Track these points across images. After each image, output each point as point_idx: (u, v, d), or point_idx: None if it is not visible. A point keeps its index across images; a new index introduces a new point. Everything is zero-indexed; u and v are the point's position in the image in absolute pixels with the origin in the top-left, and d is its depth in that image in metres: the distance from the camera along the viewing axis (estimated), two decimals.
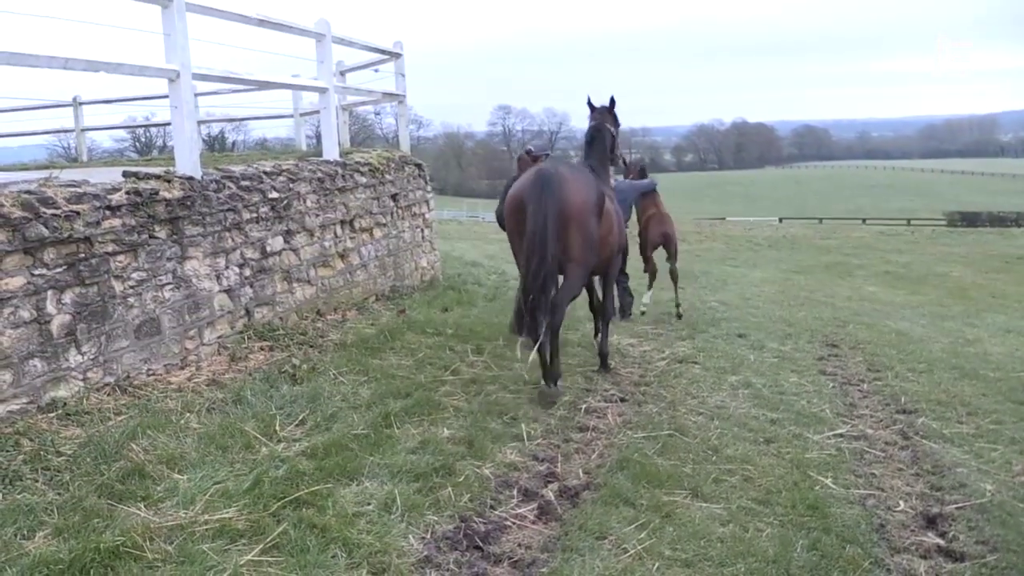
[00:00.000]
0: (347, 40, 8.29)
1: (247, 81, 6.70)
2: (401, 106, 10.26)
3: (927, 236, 31.41)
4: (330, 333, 6.46)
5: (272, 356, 5.66)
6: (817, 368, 6.92)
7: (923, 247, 26.48)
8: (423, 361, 5.96)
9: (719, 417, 5.29)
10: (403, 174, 9.00)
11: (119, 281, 4.73)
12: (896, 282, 16.92)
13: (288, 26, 6.95)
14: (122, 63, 5.00)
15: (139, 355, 4.90)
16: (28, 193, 4.30)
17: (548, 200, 5.25)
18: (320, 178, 7.03)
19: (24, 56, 4.41)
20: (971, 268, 20.28)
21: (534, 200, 5.31)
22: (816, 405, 5.72)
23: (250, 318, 5.98)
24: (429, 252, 9.85)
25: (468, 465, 4.15)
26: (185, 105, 5.50)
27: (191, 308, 5.35)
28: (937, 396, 6.07)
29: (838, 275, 17.89)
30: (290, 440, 4.28)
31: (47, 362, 4.26)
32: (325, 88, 7.59)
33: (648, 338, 7.83)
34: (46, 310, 4.25)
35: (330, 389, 5.07)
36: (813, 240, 28.71)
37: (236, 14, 6.13)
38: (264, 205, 6.16)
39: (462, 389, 5.42)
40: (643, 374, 6.39)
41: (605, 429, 4.98)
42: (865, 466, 4.60)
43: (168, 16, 5.33)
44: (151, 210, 4.99)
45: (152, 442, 4.00)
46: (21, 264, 4.12)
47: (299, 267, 6.64)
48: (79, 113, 12.42)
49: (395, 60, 9.67)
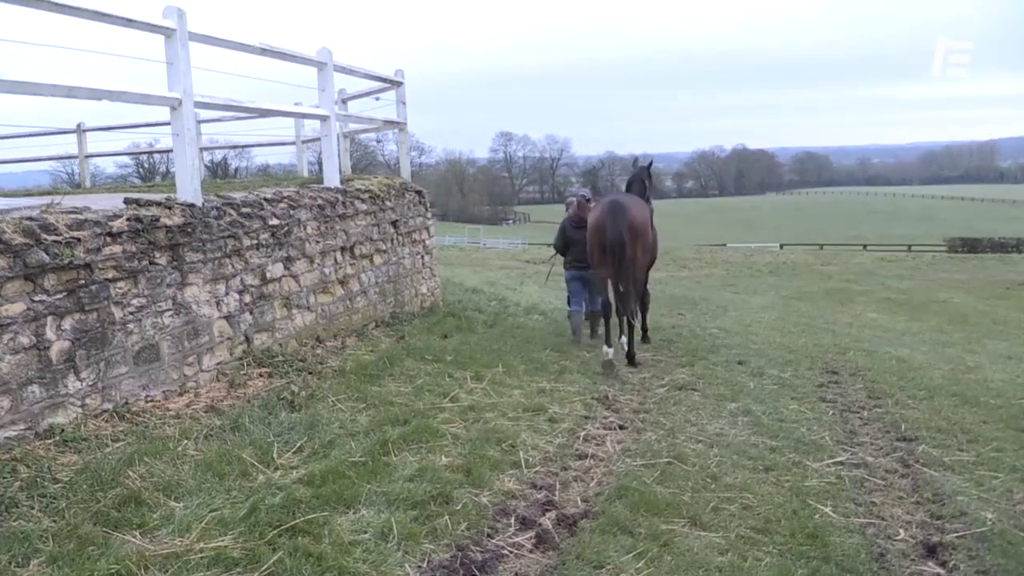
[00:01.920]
0: (349, 68, 8.37)
1: (249, 109, 6.77)
2: (402, 133, 10.33)
3: (928, 262, 31.44)
4: (329, 359, 6.47)
5: (271, 383, 5.66)
6: (817, 395, 6.91)
7: (924, 273, 26.49)
8: (422, 388, 5.95)
9: (718, 445, 5.27)
10: (404, 201, 9.05)
11: (119, 307, 4.75)
12: (897, 308, 16.89)
13: (290, 55, 7.02)
14: (125, 91, 5.05)
15: (138, 381, 4.90)
16: (30, 219, 4.33)
17: (620, 220, 7.54)
18: (321, 205, 7.07)
19: (28, 84, 4.47)
20: (972, 294, 20.26)
21: (611, 221, 7.57)
22: (816, 432, 5.70)
23: (249, 344, 5.99)
24: (429, 278, 9.87)
25: (466, 493, 4.13)
26: (187, 133, 5.54)
27: (190, 334, 5.36)
28: (938, 423, 6.05)
29: (839, 301, 17.87)
30: (287, 467, 4.27)
31: (45, 388, 4.26)
32: (326, 116, 7.65)
33: (648, 365, 7.82)
34: (45, 336, 4.26)
35: (328, 416, 5.06)
36: (814, 266, 28.73)
37: (238, 43, 6.20)
38: (264, 232, 6.19)
39: (460, 416, 5.41)
40: (642, 401, 6.38)
41: (604, 457, 4.97)
42: (865, 494, 4.58)
43: (171, 45, 5.39)
44: (152, 236, 5.01)
45: (149, 469, 3.99)
46: (21, 290, 4.13)
47: (299, 293, 6.66)
48: (83, 140, 12.51)
49: (396, 88, 9.76)
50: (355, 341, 7.24)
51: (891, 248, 43.49)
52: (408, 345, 7.25)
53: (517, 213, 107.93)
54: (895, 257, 35.41)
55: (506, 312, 10.68)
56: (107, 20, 4.95)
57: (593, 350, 8.27)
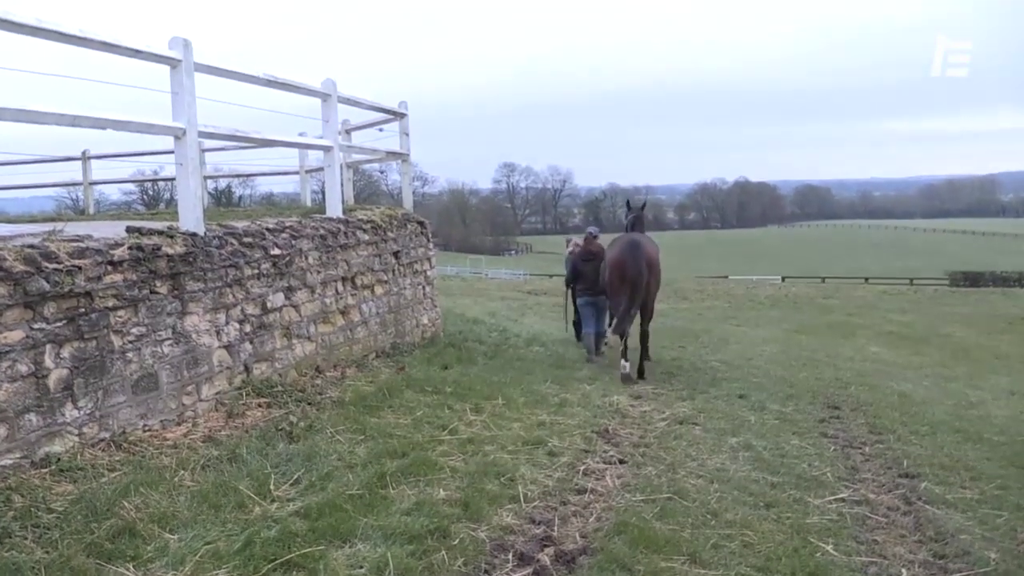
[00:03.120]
0: (353, 100, 8.43)
1: (253, 139, 6.81)
2: (405, 164, 10.38)
3: (930, 296, 31.45)
4: (329, 390, 6.44)
5: (270, 413, 5.63)
6: (818, 430, 6.86)
7: (926, 307, 26.47)
8: (421, 420, 5.92)
9: (719, 480, 5.22)
10: (405, 231, 9.07)
11: (118, 336, 4.74)
12: (899, 342, 16.86)
13: (295, 86, 7.09)
14: (129, 121, 5.09)
15: (136, 410, 4.88)
16: (31, 247, 4.34)
17: (639, 255, 8.97)
18: (323, 235, 7.09)
19: (34, 113, 4.50)
20: (974, 328, 20.22)
21: (631, 256, 9.01)
22: (817, 468, 5.65)
23: (249, 374, 5.97)
24: (430, 309, 9.86)
25: (463, 528, 4.09)
26: (190, 162, 5.58)
27: (190, 363, 5.35)
28: (940, 460, 6.01)
29: (840, 335, 17.83)
30: (284, 500, 4.23)
31: (43, 417, 4.24)
32: (330, 147, 7.70)
33: (648, 398, 7.79)
34: (44, 364, 4.25)
35: (326, 447, 5.03)
36: (816, 299, 28.73)
37: (243, 74, 6.26)
38: (266, 261, 6.20)
39: (459, 449, 5.37)
40: (643, 435, 6.33)
41: (603, 491, 4.92)
42: (867, 532, 4.52)
43: (176, 75, 5.45)
44: (153, 265, 5.02)
45: (144, 500, 3.96)
46: (21, 318, 4.13)
47: (299, 323, 6.65)
48: (87, 167, 12.59)
49: (400, 120, 9.83)
50: (355, 372, 7.22)
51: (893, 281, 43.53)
52: (408, 376, 7.22)
53: (519, 244, 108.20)
54: (897, 290, 35.43)
55: (507, 343, 10.66)
56: (115, 51, 5.02)
57: (594, 383, 8.25)
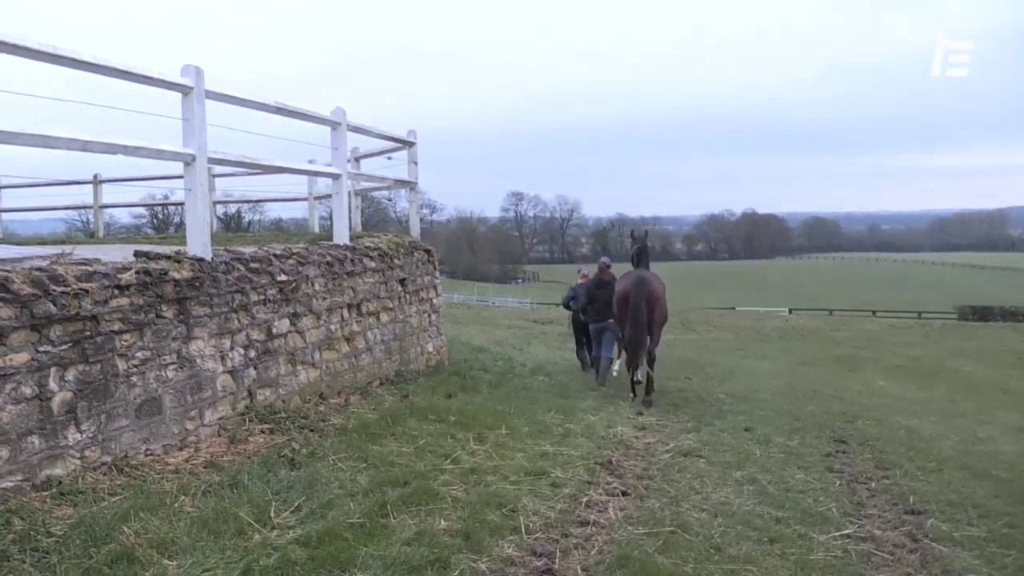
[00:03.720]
0: (362, 128, 8.51)
1: (262, 166, 6.87)
2: (413, 192, 10.45)
3: (938, 330, 31.31)
4: (332, 417, 6.43)
5: (272, 439, 5.62)
6: (824, 464, 6.80)
7: (934, 341, 26.34)
8: (424, 448, 5.90)
9: (723, 514, 5.17)
10: (412, 259, 9.10)
11: (123, 359, 4.75)
12: (906, 376, 16.75)
13: (304, 114, 7.16)
14: (140, 146, 5.14)
15: (138, 434, 4.87)
16: (39, 270, 4.37)
17: (644, 290, 9.67)
18: (329, 262, 7.12)
19: (46, 138, 4.57)
20: (983, 363, 20.09)
21: (635, 291, 9.68)
22: (823, 503, 5.59)
23: (252, 400, 5.97)
24: (435, 337, 9.86)
25: (464, 559, 4.05)
26: (199, 188, 5.62)
27: (193, 388, 5.35)
28: (947, 497, 5.94)
29: (848, 368, 17.74)
30: (284, 527, 4.21)
31: (45, 439, 4.25)
32: (338, 174, 7.76)
33: (653, 429, 7.75)
34: (48, 387, 4.26)
35: (328, 475, 5.01)
36: (823, 332, 28.62)
37: (254, 101, 6.33)
38: (272, 287, 6.23)
39: (461, 479, 5.34)
40: (646, 467, 6.29)
41: (606, 524, 4.88)
42: (872, 569, 4.46)
43: (188, 103, 5.51)
44: (159, 290, 5.05)
45: (144, 525, 3.94)
46: (27, 340, 4.15)
47: (304, 350, 6.66)
48: (98, 190, 12.71)
49: (408, 148, 9.91)
50: (359, 399, 7.21)
51: (901, 315, 43.35)
52: (412, 404, 7.20)
53: (526, 272, 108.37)
54: (905, 324, 35.29)
55: (512, 372, 10.64)
56: (128, 78, 5.09)
57: (598, 413, 8.22)
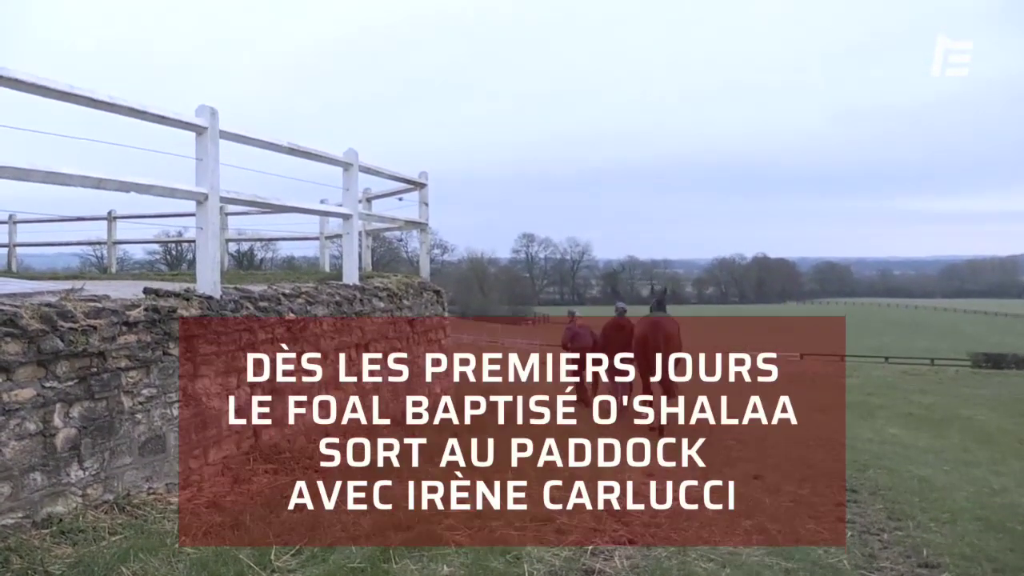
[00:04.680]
0: (374, 169, 8.59)
1: (273, 206, 6.93)
2: (423, 233, 10.51)
3: (951, 377, 30.95)
4: (336, 458, 6.36)
5: (276, 479, 5.58)
6: (835, 514, 6.68)
7: (947, 388, 26.01)
8: (429, 491, 5.82)
9: (731, 564, 5.08)
10: (421, 300, 9.11)
11: (129, 396, 4.75)
12: (919, 424, 16.53)
13: (317, 154, 7.23)
14: (152, 184, 5.21)
15: (141, 473, 4.85)
16: (48, 306, 4.39)
17: (661, 333, 10.23)
18: (338, 301, 7.13)
19: (60, 175, 4.63)
20: (997, 412, 19.79)
21: (652, 334, 10.24)
22: (833, 555, 5.48)
23: (257, 439, 5.94)
24: (444, 378, 9.81)
25: None
26: (211, 226, 5.67)
27: (198, 426, 5.34)
28: (961, 549, 5.81)
29: (859, 415, 17.51)
30: (284, 571, 4.15)
31: (48, 476, 4.23)
32: (349, 215, 7.81)
33: (661, 475, 7.63)
34: (53, 423, 4.26)
35: (330, 517, 4.96)
36: (834, 377, 28.35)
37: (267, 142, 6.41)
38: (280, 326, 6.24)
39: (465, 523, 5.27)
40: (654, 514, 6.19)
41: (611, 572, 4.79)
42: None
43: (202, 142, 5.59)
44: (167, 327, 5.06)
45: (143, 566, 3.90)
46: (33, 376, 4.16)
47: (311, 389, 6.63)
48: (112, 227, 12.85)
49: (420, 189, 9.99)
50: (365, 438, 7.15)
51: (914, 361, 42.95)
52: (417, 444, 7.13)
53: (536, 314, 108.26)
54: (918, 370, 34.91)
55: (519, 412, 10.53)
56: (142, 117, 5.17)
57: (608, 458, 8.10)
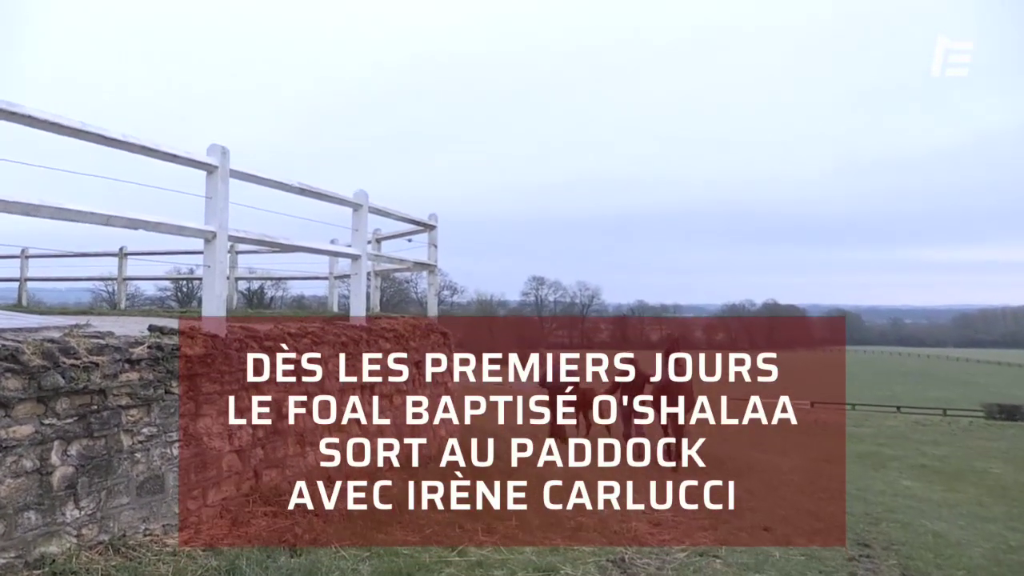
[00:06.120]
0: (384, 211, 8.61)
1: (282, 245, 6.93)
2: (432, 275, 10.49)
3: (964, 428, 30.51)
4: (338, 501, 6.27)
5: (275, 523, 5.48)
6: (847, 570, 6.52)
7: (961, 439, 25.61)
8: (430, 537, 5.73)
9: None
10: (428, 341, 9.07)
11: (128, 435, 4.70)
12: (932, 476, 16.23)
13: (327, 195, 7.26)
14: (161, 222, 5.21)
15: (138, 513, 4.77)
16: (51, 342, 4.36)
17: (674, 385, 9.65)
18: (344, 342, 7.09)
19: (69, 211, 4.63)
20: (1012, 465, 19.44)
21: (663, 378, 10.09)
22: None
23: (258, 480, 5.85)
24: (448, 423, 9.71)
25: None
26: (218, 265, 5.66)
27: (198, 467, 5.26)
28: None
29: (871, 466, 17.23)
30: None
31: (42, 515, 4.16)
32: (358, 255, 7.81)
33: (668, 526, 7.49)
34: (50, 461, 4.20)
35: (329, 563, 4.85)
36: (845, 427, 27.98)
37: (277, 182, 6.43)
38: (284, 366, 6.18)
39: (467, 572, 5.16)
40: (660, 566, 6.05)
41: None
42: None
43: (212, 181, 5.60)
44: (170, 365, 5.02)
45: None
46: (32, 413, 4.11)
47: (313, 431, 6.56)
48: (123, 263, 12.93)
49: (429, 231, 10.00)
50: (366, 482, 7.05)
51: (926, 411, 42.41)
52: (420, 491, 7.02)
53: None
54: (930, 421, 34.46)
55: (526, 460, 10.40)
56: (154, 155, 5.19)
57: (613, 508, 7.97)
